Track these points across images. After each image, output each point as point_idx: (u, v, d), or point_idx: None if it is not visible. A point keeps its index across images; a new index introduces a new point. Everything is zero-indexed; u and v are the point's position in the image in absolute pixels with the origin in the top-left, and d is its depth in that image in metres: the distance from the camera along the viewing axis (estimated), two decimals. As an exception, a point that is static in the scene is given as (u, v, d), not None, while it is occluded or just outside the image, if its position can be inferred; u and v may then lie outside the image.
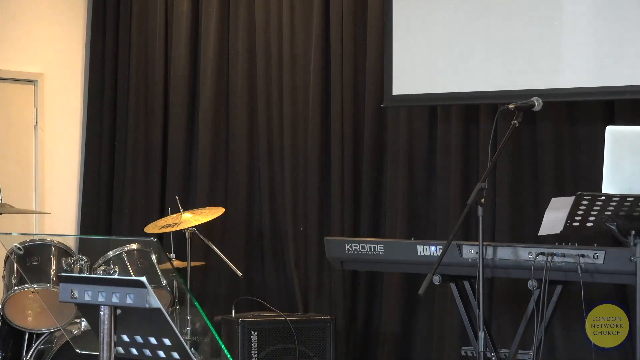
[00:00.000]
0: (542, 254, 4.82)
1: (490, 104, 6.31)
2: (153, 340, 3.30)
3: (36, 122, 7.61)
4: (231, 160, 7.43)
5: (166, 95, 7.68)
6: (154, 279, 5.30)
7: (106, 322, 3.25)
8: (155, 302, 3.16)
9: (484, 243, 4.78)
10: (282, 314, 6.45)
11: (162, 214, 7.34)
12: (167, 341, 3.28)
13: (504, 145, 4.75)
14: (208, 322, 6.40)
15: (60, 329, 5.43)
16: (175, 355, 3.31)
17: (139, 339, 3.32)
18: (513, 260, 4.94)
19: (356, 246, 5.39)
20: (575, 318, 5.92)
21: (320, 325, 6.37)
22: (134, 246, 5.39)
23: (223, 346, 6.18)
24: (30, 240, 5.59)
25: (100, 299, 3.22)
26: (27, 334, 5.63)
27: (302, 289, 7.09)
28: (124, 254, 5.35)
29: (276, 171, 7.26)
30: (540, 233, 4.68)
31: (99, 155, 7.87)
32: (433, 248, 5.14)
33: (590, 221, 4.37)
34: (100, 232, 7.71)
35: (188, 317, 6.23)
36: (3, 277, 5.65)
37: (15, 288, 5.49)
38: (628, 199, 4.25)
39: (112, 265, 5.26)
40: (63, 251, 5.59)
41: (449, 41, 6.29)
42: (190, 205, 7.08)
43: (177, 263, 6.42)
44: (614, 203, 4.26)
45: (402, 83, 6.46)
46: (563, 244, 4.86)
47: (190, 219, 6.36)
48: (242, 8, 7.38)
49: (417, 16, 6.41)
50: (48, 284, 5.48)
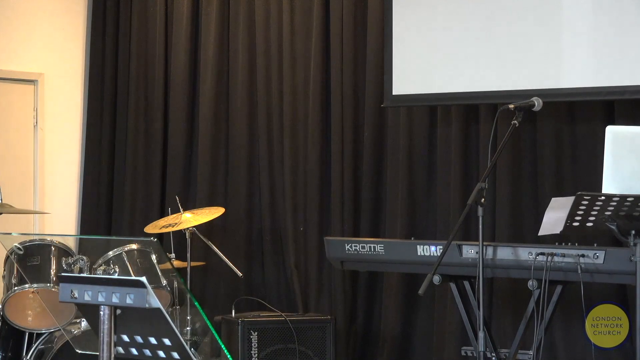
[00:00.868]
0: (542, 254, 4.81)
1: (490, 104, 6.31)
2: (153, 340, 3.30)
3: (36, 122, 7.61)
4: (231, 160, 7.43)
5: (166, 95, 7.68)
6: (154, 279, 5.29)
7: (106, 322, 3.25)
8: (155, 302, 3.16)
9: (484, 243, 4.78)
10: (282, 314, 6.45)
11: (162, 214, 7.34)
12: (167, 341, 3.28)
13: (504, 145, 4.75)
14: (208, 322, 6.40)
15: (60, 329, 5.42)
16: (175, 355, 3.31)
17: (139, 339, 3.32)
18: (513, 260, 4.93)
19: (356, 246, 5.39)
20: (575, 318, 5.92)
21: (320, 325, 6.37)
22: (134, 246, 5.39)
23: (223, 346, 6.18)
24: (30, 240, 5.58)
25: (100, 299, 3.22)
26: (27, 334, 5.63)
27: (302, 289, 7.09)
28: (124, 254, 5.34)
29: (276, 171, 7.25)
30: (540, 233, 4.67)
31: (99, 155, 7.86)
32: (433, 248, 5.14)
33: (590, 221, 4.36)
34: (100, 232, 7.71)
35: (188, 317, 6.24)
36: (3, 277, 5.64)
37: (15, 288, 5.49)
38: (628, 199, 4.24)
39: (112, 265, 5.25)
40: (63, 251, 5.59)
41: (449, 41, 6.29)
42: (190, 205, 7.08)
43: (177, 263, 6.42)
44: (614, 203, 4.26)
45: (402, 83, 6.46)
46: (563, 244, 4.85)
47: (190, 219, 6.36)
48: (242, 8, 7.38)
49: (417, 16, 6.41)
50: (48, 284, 5.47)
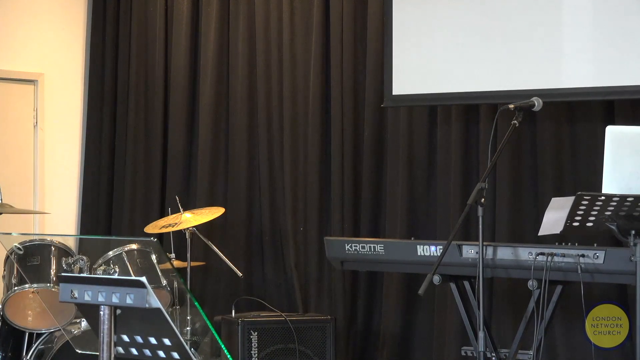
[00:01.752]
0: (542, 254, 4.81)
1: (490, 104, 6.31)
2: (153, 340, 3.30)
3: (36, 122, 7.61)
4: (231, 160, 7.43)
5: (166, 95, 7.68)
6: (154, 279, 5.30)
7: (106, 322, 3.25)
8: (155, 302, 3.16)
9: (484, 243, 4.78)
10: (282, 314, 6.45)
11: (162, 214, 7.34)
12: (167, 341, 3.28)
13: (504, 145, 4.75)
14: (208, 322, 6.40)
15: (60, 329, 5.42)
16: (175, 355, 3.31)
17: (139, 339, 3.32)
18: (513, 260, 4.93)
19: (356, 246, 5.39)
20: (575, 318, 5.92)
21: (320, 325, 6.36)
22: (134, 246, 5.39)
23: (223, 346, 6.18)
24: (30, 240, 5.59)
25: (100, 299, 3.22)
26: (27, 334, 5.63)
27: (302, 289, 7.09)
28: (124, 254, 5.34)
29: (276, 171, 7.25)
30: (540, 233, 4.67)
31: (99, 155, 7.86)
32: (433, 248, 5.14)
33: (590, 221, 4.36)
34: (100, 232, 7.71)
35: (188, 317, 6.24)
36: (3, 277, 5.65)
37: (15, 288, 5.49)
38: (628, 199, 4.24)
39: (112, 265, 5.25)
40: (63, 251, 5.59)
41: (449, 41, 6.29)
42: (190, 205, 7.08)
43: (177, 263, 6.42)
44: (614, 203, 4.26)
45: (402, 83, 6.45)
46: (563, 244, 4.85)
47: (190, 219, 6.36)
48: (242, 8, 7.38)
49: (417, 16, 6.40)
50: (48, 284, 5.47)
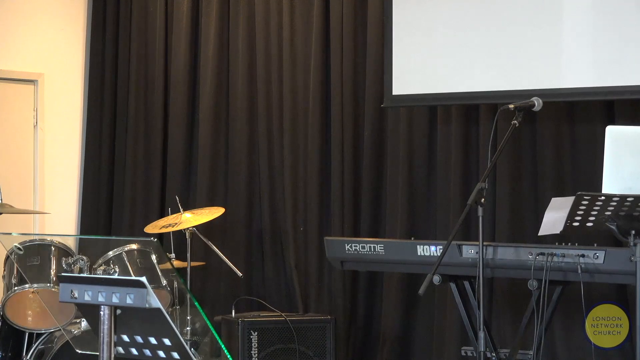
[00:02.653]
0: (542, 254, 4.81)
1: (490, 104, 6.31)
2: (153, 340, 3.30)
3: (36, 122, 7.61)
4: (231, 160, 7.43)
5: (166, 95, 7.68)
6: (154, 279, 5.30)
7: (106, 322, 3.25)
8: (155, 302, 3.16)
9: (484, 243, 4.77)
10: (282, 314, 6.45)
11: (162, 214, 7.34)
12: (167, 341, 3.28)
13: (504, 145, 4.75)
14: (208, 322, 6.40)
15: (60, 329, 5.42)
16: (175, 355, 3.31)
17: (139, 339, 3.32)
18: (513, 260, 4.93)
19: (356, 246, 5.39)
20: (575, 318, 5.92)
21: (320, 325, 6.37)
22: (134, 246, 5.39)
23: (223, 346, 6.18)
24: (30, 240, 5.58)
25: (100, 299, 3.21)
26: (27, 334, 5.63)
27: (302, 289, 7.09)
28: (124, 254, 5.35)
29: (276, 171, 7.25)
30: (540, 233, 4.67)
31: (99, 155, 7.87)
32: (433, 248, 5.13)
33: (590, 221, 4.36)
34: (100, 232, 7.71)
35: (188, 317, 6.24)
36: (3, 277, 5.65)
37: (15, 288, 5.49)
38: (628, 199, 4.24)
39: (112, 265, 5.25)
40: (63, 251, 5.59)
41: (449, 41, 6.29)
42: (190, 205, 7.08)
43: (177, 263, 6.42)
44: (614, 203, 4.26)
45: (402, 83, 6.45)
46: (563, 244, 4.85)
47: (190, 219, 6.36)
48: (242, 8, 7.38)
49: (417, 16, 6.40)
50: (48, 284, 5.47)
